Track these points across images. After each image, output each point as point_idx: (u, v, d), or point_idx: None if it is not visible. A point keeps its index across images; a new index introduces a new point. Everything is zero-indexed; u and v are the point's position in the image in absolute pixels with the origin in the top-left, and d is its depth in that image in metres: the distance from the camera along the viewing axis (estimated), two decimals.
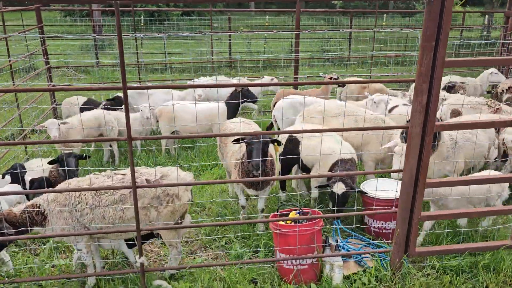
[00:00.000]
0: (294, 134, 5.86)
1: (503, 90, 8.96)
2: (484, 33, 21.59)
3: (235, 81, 9.37)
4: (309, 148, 5.58)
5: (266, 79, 9.78)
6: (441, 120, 7.50)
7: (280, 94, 8.50)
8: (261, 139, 4.56)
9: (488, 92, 10.68)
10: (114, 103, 8.26)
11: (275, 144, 5.07)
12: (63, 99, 10.21)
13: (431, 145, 3.98)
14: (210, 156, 7.72)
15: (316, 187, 5.40)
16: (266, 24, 19.26)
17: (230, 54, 15.69)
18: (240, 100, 7.68)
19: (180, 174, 4.14)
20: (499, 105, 7.21)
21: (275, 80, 9.58)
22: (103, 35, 15.17)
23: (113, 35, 14.50)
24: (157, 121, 8.17)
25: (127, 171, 4.09)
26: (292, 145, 5.74)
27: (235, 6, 17.61)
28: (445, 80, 10.05)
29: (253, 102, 7.72)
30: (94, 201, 3.92)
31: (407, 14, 28.25)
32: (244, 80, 9.53)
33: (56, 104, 9.93)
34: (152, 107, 8.04)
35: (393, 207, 4.54)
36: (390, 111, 7.32)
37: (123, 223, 4.00)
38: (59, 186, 4.15)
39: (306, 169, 5.84)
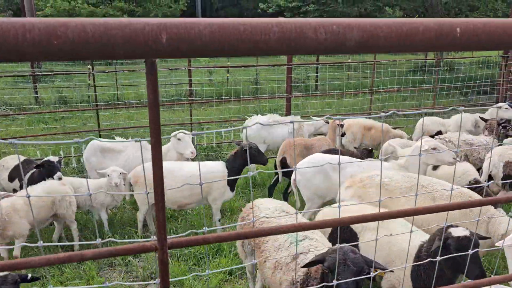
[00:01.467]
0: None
1: None
2: (438, 54, 21.44)
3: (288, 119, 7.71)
4: (374, 245, 3.94)
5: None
6: (493, 175, 6.17)
7: (287, 144, 6.82)
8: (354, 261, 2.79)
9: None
10: (44, 170, 5.91)
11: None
12: None
13: None
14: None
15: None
16: None
17: (190, 85, 13.99)
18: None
19: None
20: None
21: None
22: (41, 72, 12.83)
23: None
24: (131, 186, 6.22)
25: None
26: (347, 241, 4.00)
27: None
28: (455, 118, 8.93)
29: (262, 164, 5.93)
30: None
31: None
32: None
33: None
34: (123, 172, 6.04)
35: None
36: (434, 169, 5.86)
37: None
38: None
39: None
